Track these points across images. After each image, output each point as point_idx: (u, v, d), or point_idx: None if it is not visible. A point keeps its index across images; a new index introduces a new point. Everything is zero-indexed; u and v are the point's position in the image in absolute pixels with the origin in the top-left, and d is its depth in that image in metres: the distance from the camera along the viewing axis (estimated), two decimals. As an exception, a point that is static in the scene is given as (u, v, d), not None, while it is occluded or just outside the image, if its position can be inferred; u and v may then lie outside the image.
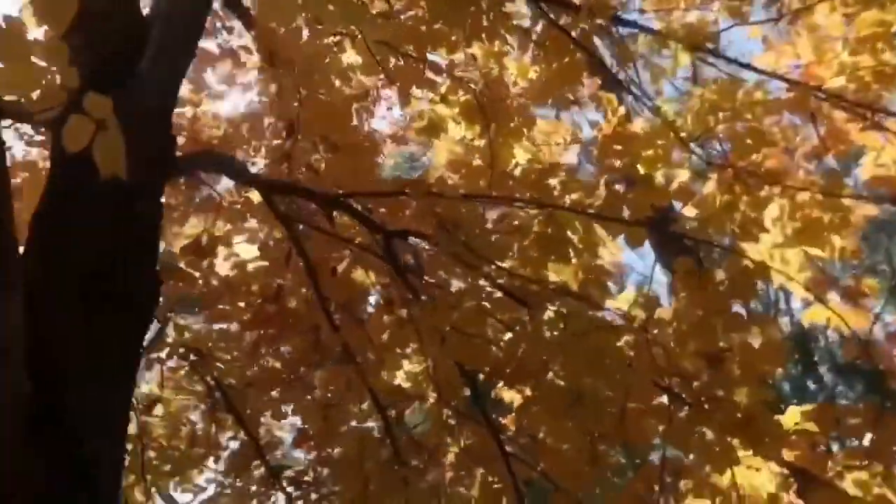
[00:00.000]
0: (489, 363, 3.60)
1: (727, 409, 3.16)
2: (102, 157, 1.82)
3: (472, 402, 3.94)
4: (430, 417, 4.50)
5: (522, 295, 3.30)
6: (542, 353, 3.27)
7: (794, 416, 3.56)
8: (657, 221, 4.14)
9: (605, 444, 3.60)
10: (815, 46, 4.14)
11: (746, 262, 3.21)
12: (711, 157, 4.04)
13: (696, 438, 3.29)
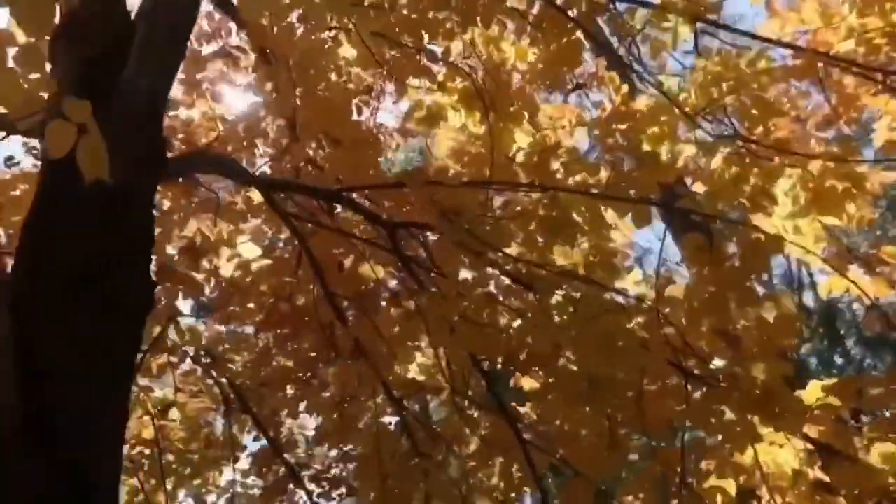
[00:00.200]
0: (501, 352, 3.57)
1: (745, 386, 3.09)
2: (85, 161, 1.80)
3: (487, 391, 3.91)
4: (447, 409, 4.48)
5: (529, 280, 3.25)
6: (552, 338, 3.22)
7: (815, 390, 3.48)
8: (667, 199, 4.08)
9: (623, 428, 3.55)
10: (820, 11, 4.03)
11: (758, 235, 3.13)
12: (718, 130, 3.95)
13: (715, 417, 3.22)
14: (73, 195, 1.95)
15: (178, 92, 3.94)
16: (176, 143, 3.73)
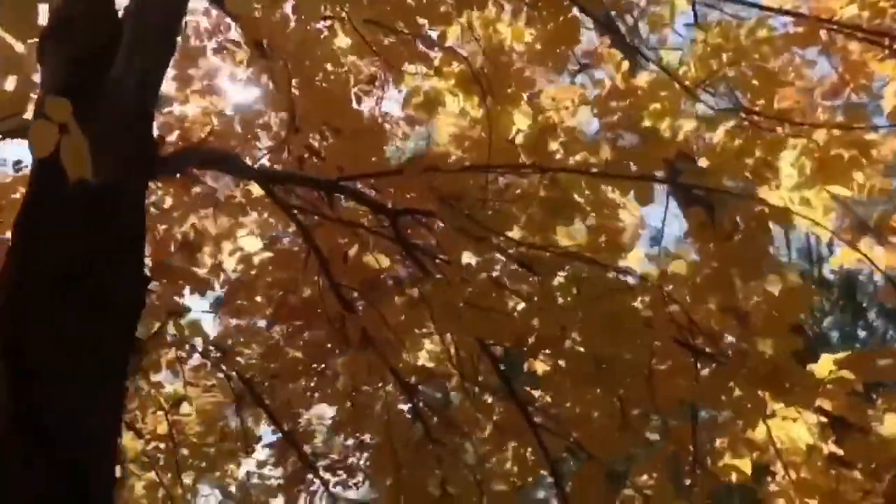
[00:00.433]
0: (508, 336, 3.55)
1: (753, 361, 3.05)
2: (68, 160, 1.81)
3: (496, 375, 3.90)
4: (459, 394, 4.48)
5: (532, 263, 3.23)
6: (556, 320, 3.20)
7: (828, 364, 3.43)
8: (673, 174, 4.02)
9: (635, 408, 3.53)
10: (821, -25, 3.93)
11: (762, 207, 3.07)
12: (721, 103, 3.88)
13: (724, 394, 3.18)
14: (59, 195, 1.96)
15: (172, 88, 3.96)
16: (172, 139, 3.74)
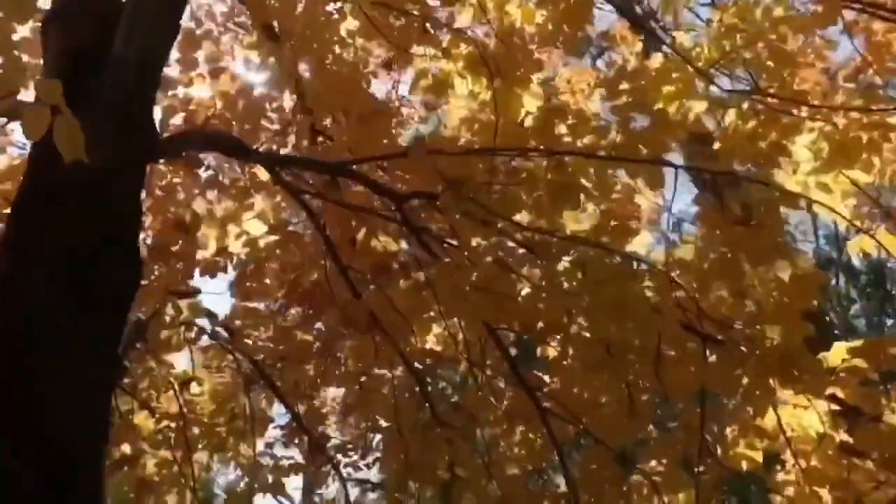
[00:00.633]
0: (515, 320, 3.53)
1: (762, 348, 2.99)
2: (61, 142, 1.81)
3: (504, 360, 3.88)
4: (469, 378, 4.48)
5: (536, 247, 3.19)
6: (561, 304, 3.17)
7: (841, 352, 3.36)
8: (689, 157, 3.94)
9: (644, 394, 3.49)
10: (843, -48, 3.80)
11: (773, 191, 3.00)
12: (737, 85, 3.79)
13: (733, 381, 3.14)
14: (55, 179, 1.97)
15: (177, 71, 3.96)
16: (178, 121, 3.75)
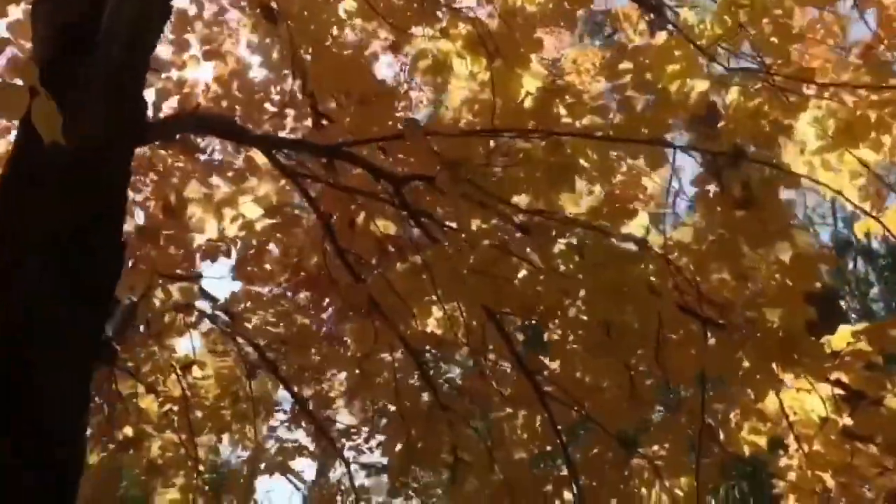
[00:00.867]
0: (514, 303, 3.51)
1: (762, 331, 2.94)
2: (39, 123, 1.80)
3: (504, 344, 3.86)
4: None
5: (533, 229, 3.16)
6: (558, 287, 3.14)
7: (845, 335, 3.30)
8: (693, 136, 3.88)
9: (645, 378, 3.46)
10: (854, -76, 3.70)
11: (774, 171, 2.94)
12: (742, 63, 3.71)
13: (734, 364, 3.09)
14: (38, 161, 1.96)
15: (171, 53, 3.95)
16: (171, 104, 3.75)
